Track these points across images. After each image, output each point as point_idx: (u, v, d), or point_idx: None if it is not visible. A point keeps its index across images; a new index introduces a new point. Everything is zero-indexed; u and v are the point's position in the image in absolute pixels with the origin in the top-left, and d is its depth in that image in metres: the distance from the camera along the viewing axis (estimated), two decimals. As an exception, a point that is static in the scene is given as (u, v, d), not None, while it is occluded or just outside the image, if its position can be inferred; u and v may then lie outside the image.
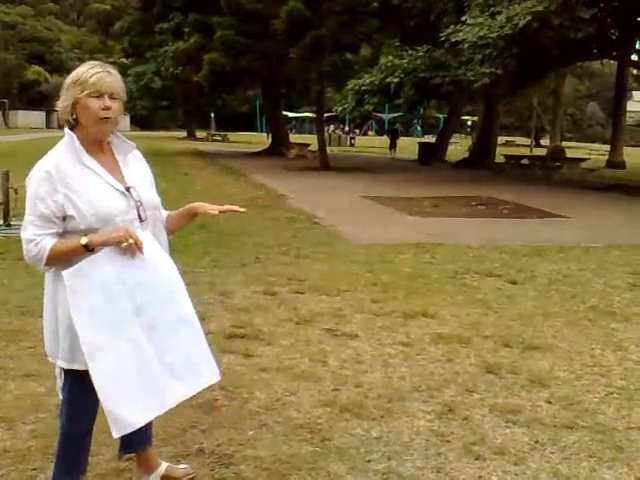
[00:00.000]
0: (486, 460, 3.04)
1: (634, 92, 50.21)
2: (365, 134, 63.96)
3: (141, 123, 51.54)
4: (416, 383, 3.91)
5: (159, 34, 29.47)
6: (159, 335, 2.37)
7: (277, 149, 31.36)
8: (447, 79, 17.97)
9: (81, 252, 2.27)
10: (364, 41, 25.44)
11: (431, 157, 27.44)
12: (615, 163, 29.84)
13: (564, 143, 44.43)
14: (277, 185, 16.19)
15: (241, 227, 9.25)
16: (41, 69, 67.68)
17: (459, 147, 38.47)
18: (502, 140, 42.60)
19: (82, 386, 2.37)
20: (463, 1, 17.63)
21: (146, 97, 38.48)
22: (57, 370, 2.44)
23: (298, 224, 10.10)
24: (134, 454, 2.80)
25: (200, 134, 51.58)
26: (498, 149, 29.30)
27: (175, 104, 48.67)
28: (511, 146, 45.44)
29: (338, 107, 21.70)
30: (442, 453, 3.09)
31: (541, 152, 34.69)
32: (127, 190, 2.38)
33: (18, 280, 5.96)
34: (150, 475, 2.76)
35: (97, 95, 2.28)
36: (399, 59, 18.98)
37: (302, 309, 5.37)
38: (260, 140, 41.38)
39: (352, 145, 45.96)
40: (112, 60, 37.15)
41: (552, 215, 12.14)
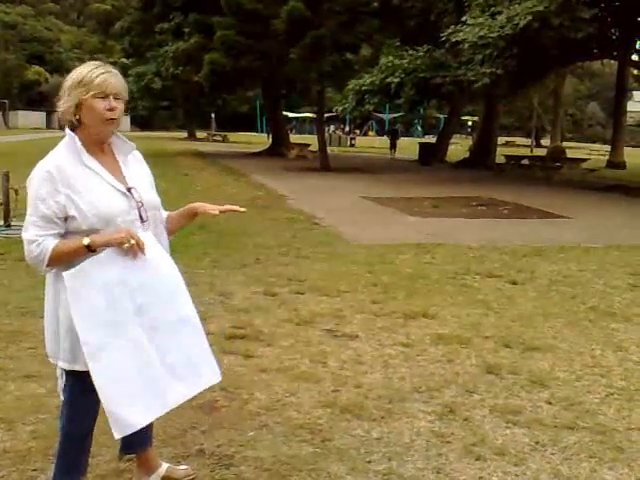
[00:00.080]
0: (487, 461, 3.04)
1: (634, 92, 50.24)
2: (365, 134, 63.98)
3: (141, 123, 51.57)
4: (416, 384, 3.91)
5: (159, 34, 29.47)
6: (160, 336, 2.37)
7: (277, 149, 31.36)
8: (447, 79, 17.98)
9: (83, 253, 2.27)
10: (364, 41, 25.43)
11: (431, 157, 27.46)
12: (615, 163, 29.85)
13: (564, 143, 44.47)
14: (277, 185, 16.19)
15: (241, 227, 9.25)
16: (41, 69, 67.70)
17: (459, 147, 38.47)
18: (502, 140, 42.62)
19: (83, 387, 2.36)
20: (463, 1, 17.64)
21: (146, 97, 38.48)
22: (58, 371, 2.44)
23: (298, 224, 10.10)
24: (134, 455, 2.80)
25: (200, 134, 51.61)
26: (498, 149, 29.31)
27: (175, 104, 48.65)
28: (511, 146, 45.44)
29: (338, 107, 21.72)
30: (443, 454, 3.09)
31: (541, 152, 34.72)
32: (128, 191, 2.38)
33: (18, 281, 5.96)
34: (150, 476, 2.76)
35: (102, 96, 2.29)
36: (399, 59, 19.00)
37: (302, 310, 5.37)
38: (260, 140, 41.39)
39: (352, 145, 45.99)
40: (112, 60, 37.14)
41: (552, 215, 12.14)
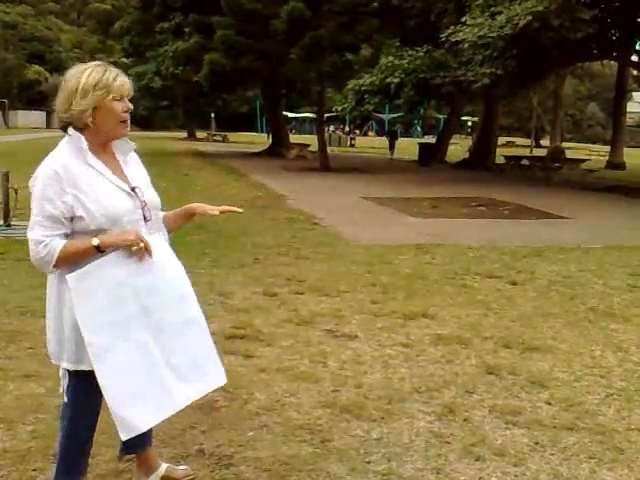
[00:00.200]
0: (486, 461, 3.04)
1: (634, 93, 50.21)
2: (365, 134, 63.98)
3: (141, 123, 51.52)
4: (416, 384, 3.91)
5: (159, 34, 29.45)
6: (166, 337, 2.38)
7: (277, 149, 31.35)
8: (447, 79, 17.98)
9: (92, 253, 2.27)
10: (364, 41, 25.45)
11: (431, 158, 27.44)
12: (615, 164, 29.86)
13: (564, 144, 44.42)
14: (277, 185, 16.19)
15: (241, 228, 9.25)
16: (41, 69, 67.66)
17: (459, 148, 38.45)
18: (502, 141, 42.59)
19: (87, 388, 2.37)
20: (463, 1, 17.65)
21: (146, 97, 38.47)
22: (61, 372, 2.43)
23: (298, 225, 10.10)
24: (134, 455, 2.80)
25: (200, 134, 51.58)
26: (498, 150, 29.31)
27: (175, 104, 48.66)
28: (511, 147, 45.41)
29: (338, 107, 21.72)
30: (442, 454, 3.09)
31: (541, 153, 34.67)
32: (133, 190, 2.39)
33: (18, 280, 5.95)
34: (150, 476, 2.76)
35: (119, 98, 2.33)
36: (399, 59, 19.01)
37: (302, 310, 5.37)
38: (260, 140, 41.36)
39: (352, 145, 45.96)
40: (112, 60, 37.10)
41: (552, 216, 12.14)
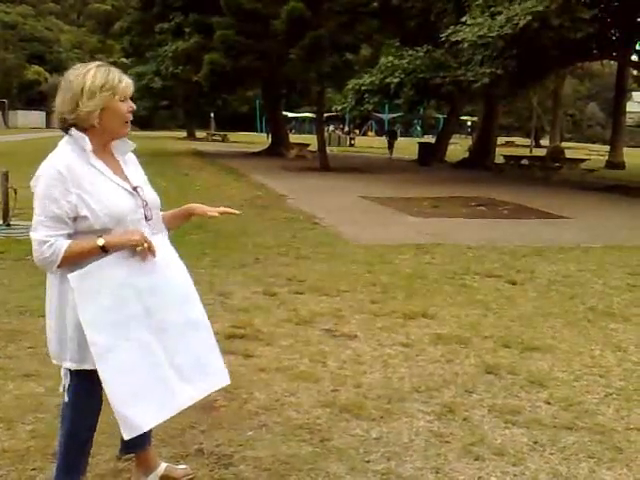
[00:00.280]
0: (485, 461, 3.04)
1: (634, 93, 50.23)
2: (365, 134, 63.98)
3: (141, 123, 51.54)
4: (415, 384, 3.91)
5: (159, 34, 29.44)
6: (168, 337, 2.39)
7: (277, 149, 31.35)
8: (447, 79, 17.99)
9: (97, 253, 2.28)
10: (364, 41, 25.47)
11: (431, 157, 27.45)
12: (615, 164, 29.86)
13: (564, 144, 44.41)
14: (277, 185, 16.19)
15: (241, 227, 9.25)
16: (41, 69, 67.66)
17: (459, 147, 38.44)
18: (502, 140, 42.62)
19: (89, 387, 2.38)
20: (463, 1, 17.65)
21: (146, 97, 38.46)
22: (63, 372, 2.42)
23: (298, 224, 10.09)
24: (133, 454, 2.80)
25: (200, 134, 51.58)
26: (498, 149, 29.31)
27: (175, 104, 48.66)
28: (511, 146, 45.42)
29: (338, 106, 21.72)
30: (441, 454, 3.09)
31: (541, 153, 34.67)
32: (134, 190, 2.41)
33: (18, 280, 5.96)
34: (149, 476, 2.75)
35: (123, 99, 2.36)
36: (399, 59, 19.01)
37: (302, 310, 5.37)
38: (260, 140, 41.36)
39: (352, 145, 45.97)
40: (112, 60, 37.08)
41: (552, 216, 12.14)
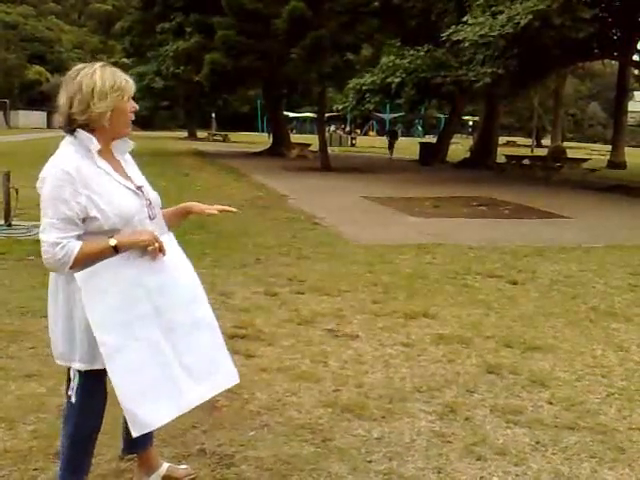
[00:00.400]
0: (487, 461, 3.03)
1: (635, 92, 50.18)
2: (366, 134, 63.97)
3: (142, 123, 51.57)
4: (417, 384, 3.91)
5: (160, 34, 29.44)
6: (177, 337, 2.40)
7: (278, 149, 31.34)
8: (448, 79, 17.99)
9: (109, 254, 2.28)
10: (365, 41, 25.44)
11: (432, 157, 27.44)
12: (616, 163, 29.84)
13: (565, 143, 44.42)
14: (278, 185, 16.19)
15: (241, 227, 9.25)
16: (42, 69, 67.71)
17: (460, 147, 38.42)
18: (503, 140, 42.62)
19: (97, 387, 2.40)
20: (464, 1, 17.64)
21: (147, 97, 38.49)
22: (72, 373, 2.40)
23: (299, 224, 10.09)
24: (135, 454, 2.80)
25: (201, 134, 51.60)
26: (499, 149, 29.31)
27: (176, 104, 48.69)
28: (512, 146, 45.42)
29: (339, 105, 21.72)
30: (443, 454, 3.09)
31: (542, 152, 34.66)
32: (139, 189, 2.42)
33: (19, 280, 5.96)
34: (151, 476, 2.76)
35: (127, 99, 2.38)
36: (400, 59, 19.00)
37: (303, 310, 5.37)
38: (261, 140, 41.37)
39: (353, 145, 45.97)
40: (113, 60, 37.13)
41: (553, 215, 12.14)
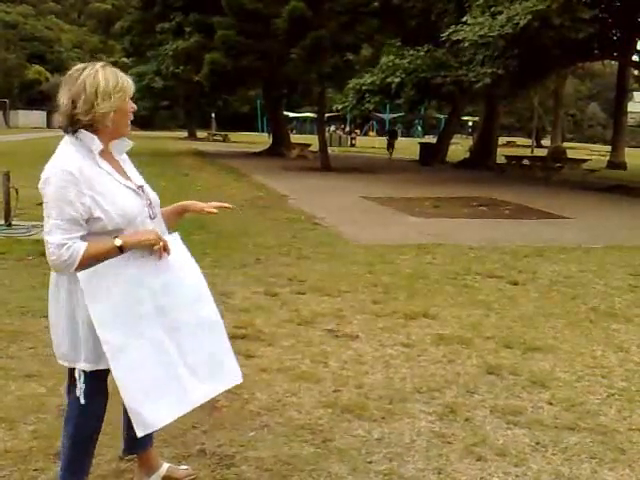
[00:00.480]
0: (487, 461, 3.03)
1: (635, 93, 50.18)
2: (366, 134, 63.95)
3: (142, 123, 51.61)
4: (417, 384, 3.91)
5: (160, 34, 29.42)
6: (182, 336, 2.40)
7: (278, 149, 31.33)
8: (448, 79, 17.99)
9: (114, 254, 2.29)
10: (365, 41, 25.43)
11: (432, 158, 27.44)
12: (616, 164, 29.86)
13: (565, 144, 44.44)
14: (278, 185, 16.18)
15: (242, 228, 9.25)
16: (42, 69, 67.70)
17: (460, 148, 38.42)
18: (503, 141, 42.62)
19: (101, 387, 2.41)
20: (464, 1, 17.64)
21: (147, 97, 38.51)
22: (77, 373, 2.38)
23: (299, 225, 10.09)
24: (135, 455, 2.80)
25: (201, 134, 51.60)
26: (499, 150, 29.32)
27: (176, 104, 48.70)
28: (512, 147, 45.42)
29: (339, 105, 21.71)
30: (443, 454, 3.09)
31: (542, 153, 34.67)
32: (140, 189, 2.43)
33: (19, 280, 5.95)
34: (151, 476, 2.76)
35: (128, 100, 2.40)
36: (400, 59, 18.99)
37: (303, 310, 5.37)
38: (261, 140, 41.36)
39: (353, 145, 45.97)
40: (113, 60, 37.12)
41: (553, 216, 12.14)
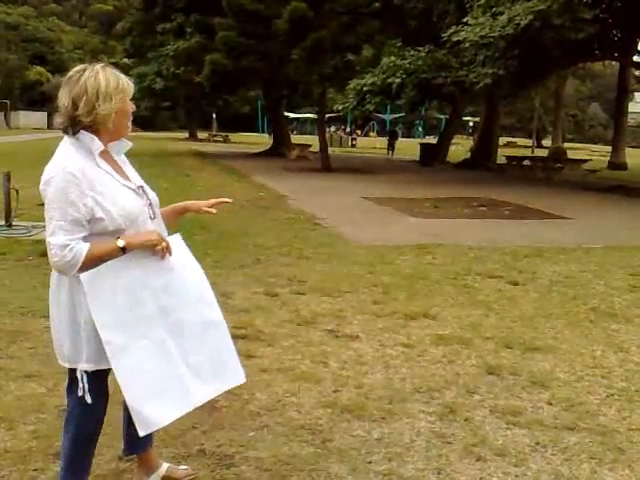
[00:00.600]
0: (487, 461, 3.04)
1: (636, 93, 50.23)
2: (367, 135, 63.96)
3: (143, 124, 51.66)
4: (417, 384, 3.91)
5: (161, 34, 29.43)
6: (184, 337, 2.41)
7: (278, 150, 31.33)
8: (449, 80, 17.99)
9: (117, 255, 2.29)
10: (366, 42, 25.43)
11: (433, 158, 27.45)
12: (617, 164, 29.85)
13: (566, 144, 44.49)
14: (278, 186, 16.19)
15: (242, 228, 9.25)
16: (43, 70, 67.78)
17: (461, 148, 38.44)
18: (504, 141, 42.65)
19: (102, 387, 2.42)
20: (465, 2, 17.64)
21: (148, 98, 38.49)
22: (79, 373, 2.38)
23: (299, 225, 10.09)
24: (135, 455, 2.80)
25: (202, 135, 51.62)
26: (500, 150, 29.33)
27: (177, 105, 48.64)
28: (513, 147, 45.42)
29: (339, 106, 21.71)
30: (443, 454, 3.09)
31: (543, 153, 34.69)
32: (140, 189, 2.44)
33: (19, 281, 5.96)
34: (150, 476, 2.76)
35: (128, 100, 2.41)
36: (401, 59, 18.99)
37: (303, 310, 5.37)
38: (262, 141, 41.37)
39: (353, 146, 46.00)
40: (114, 61, 37.07)
41: (553, 216, 12.13)
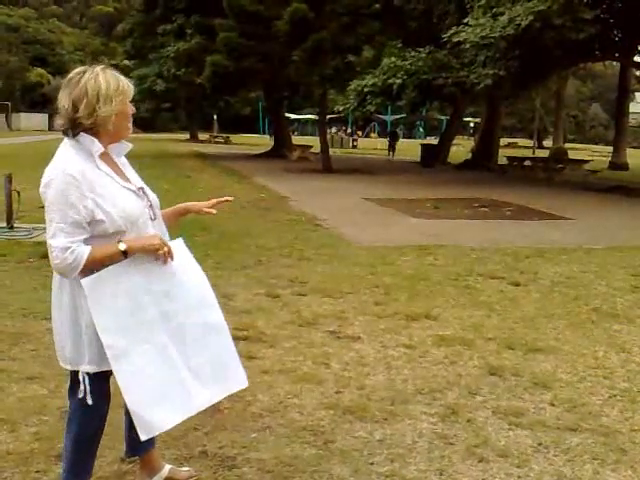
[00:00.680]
0: (489, 462, 3.03)
1: (637, 93, 50.17)
2: (367, 136, 63.97)
3: (143, 125, 51.72)
4: (419, 385, 3.90)
5: (161, 36, 29.45)
6: (186, 341, 2.41)
7: (279, 151, 31.35)
8: (450, 80, 17.99)
9: (118, 258, 2.29)
10: (366, 43, 25.44)
11: (433, 159, 27.44)
12: (618, 165, 29.82)
13: (567, 145, 44.45)
14: (279, 187, 16.19)
15: (243, 229, 9.25)
16: (44, 71, 67.85)
17: (461, 149, 38.42)
18: (505, 142, 42.57)
19: (104, 389, 2.42)
20: (465, 2, 17.64)
21: (149, 99, 38.51)
22: (81, 375, 2.38)
23: (300, 226, 10.09)
24: (137, 457, 2.80)
25: (203, 136, 51.65)
26: (501, 151, 29.30)
27: (178, 106, 48.67)
28: (514, 148, 45.38)
29: (340, 107, 21.72)
30: (445, 455, 3.09)
31: (544, 154, 34.66)
32: (140, 191, 2.43)
33: (20, 282, 5.96)
34: (153, 478, 2.76)
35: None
36: (401, 60, 18.99)
37: (304, 311, 5.37)
38: (263, 142, 41.39)
39: (354, 147, 46.00)
40: (115, 62, 37.12)
41: (554, 217, 12.13)
